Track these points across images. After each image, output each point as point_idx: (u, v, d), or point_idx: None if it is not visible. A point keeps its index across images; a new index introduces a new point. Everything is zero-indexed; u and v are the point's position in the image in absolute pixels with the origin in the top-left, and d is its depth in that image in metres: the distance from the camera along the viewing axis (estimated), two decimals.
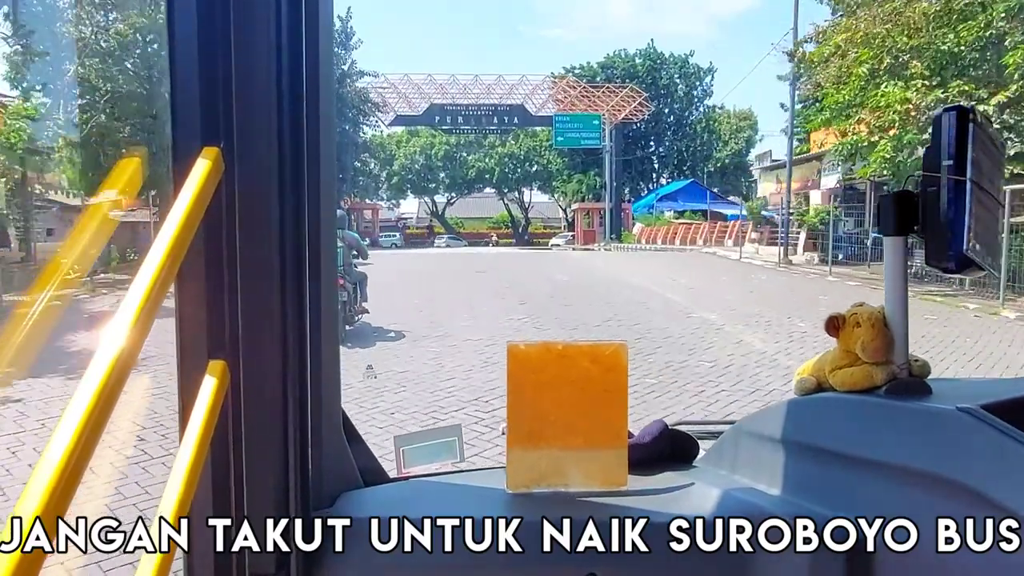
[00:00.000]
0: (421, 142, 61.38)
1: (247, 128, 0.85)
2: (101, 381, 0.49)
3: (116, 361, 0.51)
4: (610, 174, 46.27)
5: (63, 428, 0.47)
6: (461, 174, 61.13)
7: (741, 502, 0.99)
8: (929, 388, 0.95)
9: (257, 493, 0.88)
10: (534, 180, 62.95)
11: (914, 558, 0.84)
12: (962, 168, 0.89)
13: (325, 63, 0.94)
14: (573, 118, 47.11)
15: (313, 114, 0.91)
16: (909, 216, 0.94)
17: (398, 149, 63.04)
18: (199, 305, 0.85)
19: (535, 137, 61.00)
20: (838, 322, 1.00)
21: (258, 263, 0.86)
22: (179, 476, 0.67)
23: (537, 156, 61.34)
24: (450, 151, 61.61)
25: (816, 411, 1.03)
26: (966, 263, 0.90)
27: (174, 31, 0.82)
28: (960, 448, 0.83)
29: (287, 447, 0.90)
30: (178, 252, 0.63)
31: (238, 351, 0.86)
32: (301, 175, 0.89)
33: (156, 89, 10.14)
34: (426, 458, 1.29)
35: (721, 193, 48.20)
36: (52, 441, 0.46)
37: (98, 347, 0.51)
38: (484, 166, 61.39)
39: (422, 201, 65.73)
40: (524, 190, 64.98)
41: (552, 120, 47.81)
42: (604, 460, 1.06)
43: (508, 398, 1.05)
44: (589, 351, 1.05)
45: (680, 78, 54.28)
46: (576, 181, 53.97)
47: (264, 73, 0.85)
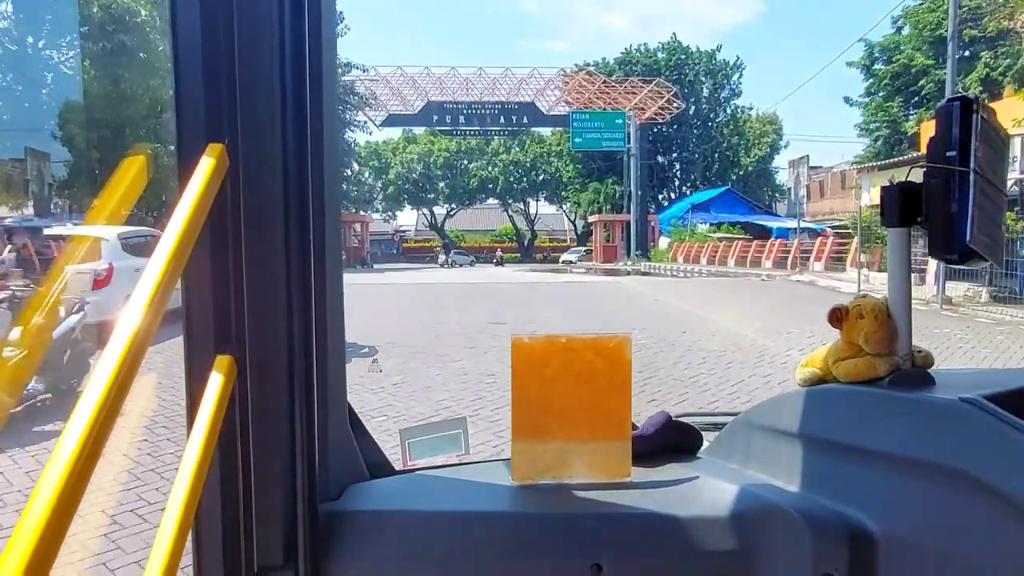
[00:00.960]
0: (419, 148, 58.48)
1: (251, 123, 0.87)
2: (111, 375, 0.51)
3: (126, 355, 0.52)
4: (635, 181, 39.14)
5: (75, 421, 0.48)
6: (462, 183, 58.19)
7: (745, 494, 1.03)
8: (932, 379, 0.98)
9: (264, 485, 0.91)
10: (541, 190, 59.97)
11: (918, 548, 0.87)
12: (966, 159, 0.91)
13: (328, 58, 0.97)
14: (593, 116, 39.99)
15: (317, 109, 0.94)
16: (913, 207, 0.96)
17: (394, 156, 59.91)
18: (206, 300, 0.88)
19: (542, 143, 58.32)
20: (841, 313, 1.02)
21: (264, 258, 0.89)
22: (188, 469, 0.70)
23: (545, 164, 58.20)
24: (450, 158, 58.53)
25: (820, 402, 1.05)
26: (969, 254, 0.92)
27: (177, 28, 0.85)
28: (963, 438, 0.85)
29: (294, 440, 0.92)
30: (185, 247, 0.65)
31: (245, 345, 0.88)
32: (306, 169, 0.91)
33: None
34: (431, 451, 1.29)
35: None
36: (65, 432, 0.47)
37: (108, 342, 0.53)
38: (487, 175, 58.23)
39: (421, 213, 63.36)
40: (530, 201, 62.06)
41: (568, 119, 43.66)
42: (608, 452, 1.08)
43: (512, 391, 1.07)
44: (593, 344, 1.08)
45: (706, 75, 47.36)
46: (592, 190, 46.81)
47: (268, 68, 0.87)
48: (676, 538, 0.96)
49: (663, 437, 1.20)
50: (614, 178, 48.80)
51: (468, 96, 43.58)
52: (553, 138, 55.04)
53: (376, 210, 60.17)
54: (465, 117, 43.58)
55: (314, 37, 0.91)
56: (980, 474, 0.82)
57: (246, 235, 0.88)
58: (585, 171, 52.16)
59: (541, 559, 0.97)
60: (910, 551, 0.87)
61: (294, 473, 0.93)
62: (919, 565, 0.87)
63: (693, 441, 1.23)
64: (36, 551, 0.40)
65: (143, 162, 0.73)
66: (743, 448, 1.14)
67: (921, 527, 0.87)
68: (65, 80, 14.05)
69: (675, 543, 0.96)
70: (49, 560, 0.42)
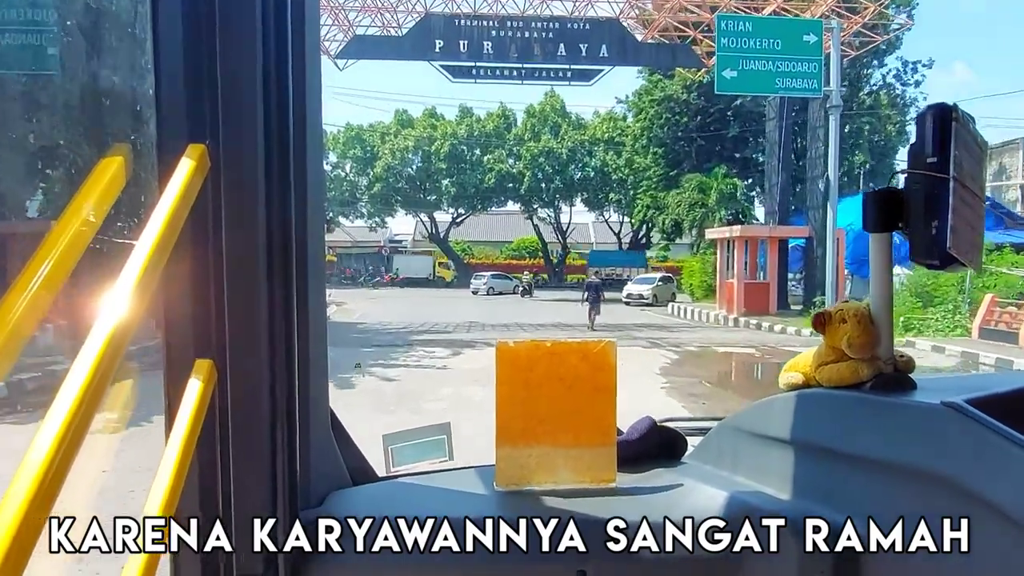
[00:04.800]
0: (416, 134, 44.17)
1: (233, 126, 0.91)
2: (85, 381, 0.52)
3: (99, 361, 0.54)
4: (832, 161, 15.44)
5: (47, 428, 0.49)
6: (474, 180, 43.91)
7: (729, 499, 1.10)
8: (914, 383, 1.05)
9: (244, 493, 0.95)
10: (580, 191, 45.51)
11: (901, 552, 0.94)
12: (945, 166, 0.97)
13: (311, 60, 1.03)
14: (760, 26, 15.92)
15: (300, 112, 0.99)
16: (894, 213, 1.03)
17: (382, 144, 44.98)
18: (185, 304, 0.93)
19: (583, 129, 43.75)
20: (824, 318, 1.10)
21: (245, 261, 0.93)
22: (165, 476, 0.74)
23: (585, 155, 43.22)
24: (457, 147, 43.72)
25: (803, 407, 1.12)
26: (950, 259, 0.99)
27: (158, 28, 0.90)
28: (945, 443, 0.92)
29: (275, 446, 0.97)
30: (163, 251, 0.68)
31: (225, 350, 0.93)
32: (288, 172, 0.97)
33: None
34: (415, 456, 1.32)
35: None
36: (36, 440, 0.48)
37: (82, 347, 0.55)
38: (506, 170, 44.01)
39: (418, 219, 50.12)
40: (562, 206, 47.55)
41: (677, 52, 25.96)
42: (593, 457, 1.15)
43: (497, 396, 1.14)
44: (579, 348, 1.15)
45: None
46: (691, 187, 23.20)
47: (250, 70, 0.92)
48: (661, 544, 1.03)
49: (648, 442, 1.26)
50: (732, 166, 27.27)
51: (499, 5, 21.46)
52: (600, 125, 43.44)
53: (360, 214, 48.58)
54: (494, 46, 21.53)
55: (296, 39, 0.98)
56: (962, 478, 0.89)
57: (227, 238, 0.92)
58: (671, 157, 36.09)
59: (526, 565, 1.04)
60: (893, 555, 0.95)
61: (275, 480, 0.97)
62: (903, 569, 0.95)
63: (678, 446, 1.30)
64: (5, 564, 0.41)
65: (121, 163, 0.69)
66: (727, 453, 1.22)
67: (903, 531, 0.94)
68: None
69: (660, 550, 1.03)
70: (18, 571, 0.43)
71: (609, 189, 44.50)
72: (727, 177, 30.46)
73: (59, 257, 0.55)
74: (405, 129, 45.43)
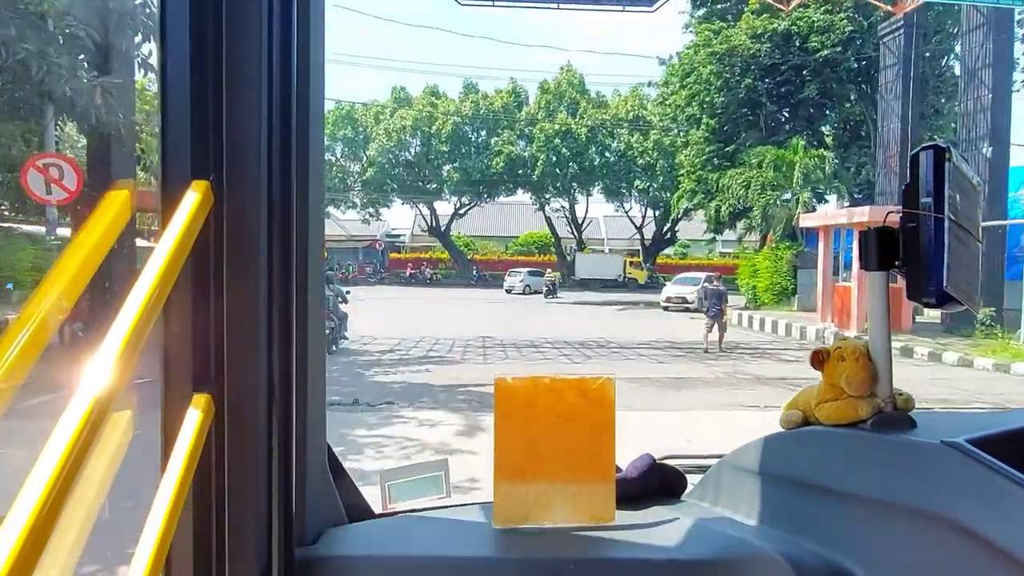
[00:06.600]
0: (415, 113, 38.73)
1: (237, 162, 0.95)
2: (84, 415, 0.53)
3: (100, 395, 0.55)
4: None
5: (44, 461, 0.49)
6: (479, 166, 38.68)
7: (729, 538, 1.13)
8: (914, 421, 1.08)
9: (239, 529, 0.97)
10: (601, 178, 39.89)
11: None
12: (940, 205, 1.01)
13: (315, 97, 1.09)
14: None
15: (303, 149, 1.04)
16: (890, 252, 1.07)
17: (376, 125, 39.58)
18: (185, 338, 0.96)
19: (604, 107, 38.36)
20: (823, 356, 1.16)
21: (245, 297, 0.96)
22: (160, 512, 0.74)
23: (607, 136, 37.49)
24: (461, 128, 38.30)
25: (802, 445, 1.15)
26: (946, 298, 1.02)
27: (166, 66, 0.95)
28: (945, 482, 0.95)
29: (271, 482, 0.99)
30: (165, 284, 0.71)
31: (223, 384, 0.96)
32: (290, 209, 1.01)
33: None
34: (412, 494, 1.34)
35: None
36: (31, 476, 0.49)
37: (82, 380, 0.56)
38: (516, 153, 38.47)
39: (417, 211, 45.18)
40: (579, 196, 42.60)
41: None
42: (592, 495, 1.19)
43: (495, 432, 1.17)
44: (577, 385, 1.18)
45: None
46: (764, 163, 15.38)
47: (255, 108, 0.96)
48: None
49: (647, 480, 1.30)
50: (809, 137, 19.96)
51: None
52: (623, 103, 37.98)
53: (352, 204, 43.76)
54: None
55: (302, 77, 1.02)
56: (962, 518, 0.91)
57: (228, 274, 0.94)
58: (728, 131, 28.37)
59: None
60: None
61: (270, 517, 0.99)
62: None
63: (677, 484, 1.35)
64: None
65: (127, 196, 0.70)
66: (727, 491, 1.26)
67: (904, 571, 0.97)
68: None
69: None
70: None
71: (633, 176, 39.57)
72: (809, 149, 24.28)
73: (65, 288, 0.57)
74: (401, 108, 40.97)
